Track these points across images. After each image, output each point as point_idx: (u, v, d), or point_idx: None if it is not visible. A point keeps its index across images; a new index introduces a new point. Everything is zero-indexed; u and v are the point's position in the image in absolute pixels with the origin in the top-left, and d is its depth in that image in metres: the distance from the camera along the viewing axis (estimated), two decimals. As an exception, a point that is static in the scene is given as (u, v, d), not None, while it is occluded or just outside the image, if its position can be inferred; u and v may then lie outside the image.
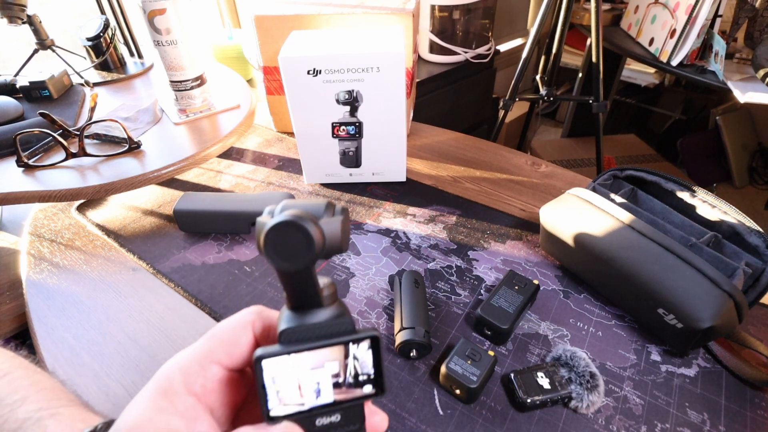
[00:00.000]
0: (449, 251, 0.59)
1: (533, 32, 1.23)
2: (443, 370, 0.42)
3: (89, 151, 0.68)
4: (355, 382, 0.22)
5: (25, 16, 0.81)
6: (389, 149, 0.67)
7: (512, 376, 0.42)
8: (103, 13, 0.96)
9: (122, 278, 0.57)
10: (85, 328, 0.51)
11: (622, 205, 0.51)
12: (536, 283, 0.50)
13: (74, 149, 0.67)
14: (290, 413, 0.21)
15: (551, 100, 1.34)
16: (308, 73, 0.59)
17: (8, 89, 0.83)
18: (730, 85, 1.11)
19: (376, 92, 0.60)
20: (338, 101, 0.61)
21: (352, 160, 0.68)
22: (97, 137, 0.71)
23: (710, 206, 0.49)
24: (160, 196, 0.71)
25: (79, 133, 0.66)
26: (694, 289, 0.42)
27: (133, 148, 0.69)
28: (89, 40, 0.93)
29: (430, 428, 0.41)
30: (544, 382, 0.42)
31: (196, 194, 0.63)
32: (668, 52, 1.22)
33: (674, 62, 1.21)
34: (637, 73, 1.89)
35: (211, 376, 0.22)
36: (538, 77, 1.42)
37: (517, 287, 0.49)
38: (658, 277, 0.44)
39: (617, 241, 0.47)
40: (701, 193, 0.50)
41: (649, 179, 0.54)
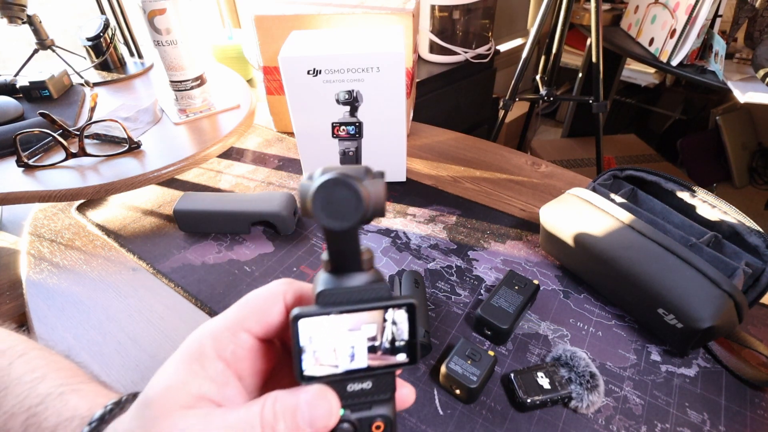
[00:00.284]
0: (449, 251, 0.59)
1: (533, 32, 1.23)
2: (443, 370, 0.42)
3: (89, 151, 0.68)
4: (390, 348, 0.22)
5: (25, 16, 0.81)
6: (389, 149, 0.67)
7: (512, 376, 0.42)
8: (103, 13, 0.96)
9: (122, 278, 0.57)
10: (85, 328, 0.51)
11: (622, 205, 0.51)
12: (536, 283, 0.50)
13: (74, 149, 0.67)
14: (324, 375, 0.21)
15: (551, 100, 1.34)
16: (308, 73, 0.59)
17: (8, 89, 0.83)
18: (730, 85, 1.11)
19: (376, 92, 0.60)
20: (338, 101, 0.61)
21: (352, 160, 0.68)
22: (97, 137, 0.71)
23: (710, 206, 0.49)
24: (160, 196, 0.71)
25: (79, 133, 0.66)
26: (694, 289, 0.42)
27: (133, 148, 0.69)
28: (89, 40, 0.93)
29: (430, 428, 0.41)
30: (544, 382, 0.42)
31: (196, 194, 0.63)
32: (668, 52, 1.22)
33: (674, 62, 1.21)
34: (637, 73, 1.89)
35: (241, 343, 0.22)
36: (538, 77, 1.42)
37: (517, 287, 0.49)
38: (658, 277, 0.44)
39: (617, 241, 0.47)
40: (701, 193, 0.50)
41: (649, 179, 0.54)
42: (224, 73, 0.94)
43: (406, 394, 0.24)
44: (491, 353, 0.43)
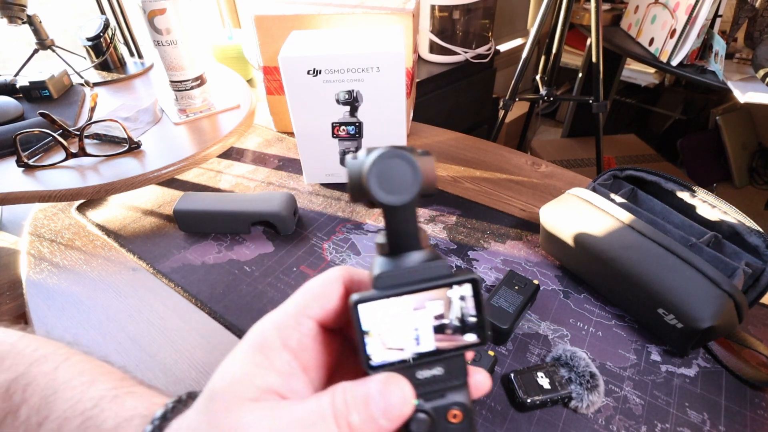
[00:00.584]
0: (449, 251, 0.59)
1: (533, 32, 1.23)
2: (443, 370, 0.42)
3: (89, 151, 0.68)
4: (460, 326, 0.21)
5: (25, 16, 0.81)
6: (389, 149, 0.67)
7: (512, 376, 0.42)
8: (103, 13, 0.96)
9: (122, 278, 0.57)
10: (85, 328, 0.51)
11: (622, 205, 0.51)
12: (536, 283, 0.50)
13: (74, 149, 0.66)
14: (392, 361, 0.20)
15: (551, 100, 1.34)
16: (308, 73, 0.59)
17: (8, 89, 0.83)
18: (730, 85, 1.11)
19: (376, 92, 0.60)
20: (338, 101, 0.61)
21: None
22: (97, 137, 0.71)
23: (710, 206, 0.49)
24: (160, 196, 0.71)
25: (79, 133, 0.66)
26: (694, 289, 0.42)
27: (133, 148, 0.69)
28: (89, 40, 0.93)
29: (430, 428, 0.41)
30: (544, 382, 0.42)
31: (196, 194, 0.63)
32: (668, 52, 1.22)
33: (674, 62, 1.21)
34: (637, 73, 1.89)
35: (306, 330, 0.21)
36: (538, 77, 1.41)
37: (517, 287, 0.49)
38: (658, 277, 0.44)
39: (617, 241, 0.47)
40: (701, 193, 0.50)
41: (649, 179, 0.54)
42: (224, 73, 0.94)
43: (480, 380, 0.22)
44: (491, 353, 0.43)
